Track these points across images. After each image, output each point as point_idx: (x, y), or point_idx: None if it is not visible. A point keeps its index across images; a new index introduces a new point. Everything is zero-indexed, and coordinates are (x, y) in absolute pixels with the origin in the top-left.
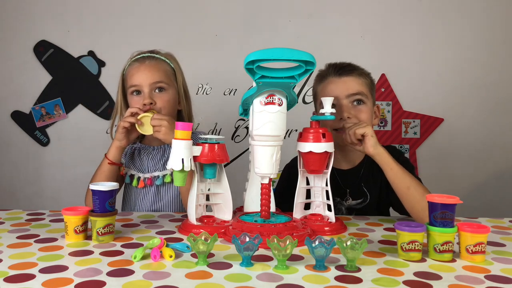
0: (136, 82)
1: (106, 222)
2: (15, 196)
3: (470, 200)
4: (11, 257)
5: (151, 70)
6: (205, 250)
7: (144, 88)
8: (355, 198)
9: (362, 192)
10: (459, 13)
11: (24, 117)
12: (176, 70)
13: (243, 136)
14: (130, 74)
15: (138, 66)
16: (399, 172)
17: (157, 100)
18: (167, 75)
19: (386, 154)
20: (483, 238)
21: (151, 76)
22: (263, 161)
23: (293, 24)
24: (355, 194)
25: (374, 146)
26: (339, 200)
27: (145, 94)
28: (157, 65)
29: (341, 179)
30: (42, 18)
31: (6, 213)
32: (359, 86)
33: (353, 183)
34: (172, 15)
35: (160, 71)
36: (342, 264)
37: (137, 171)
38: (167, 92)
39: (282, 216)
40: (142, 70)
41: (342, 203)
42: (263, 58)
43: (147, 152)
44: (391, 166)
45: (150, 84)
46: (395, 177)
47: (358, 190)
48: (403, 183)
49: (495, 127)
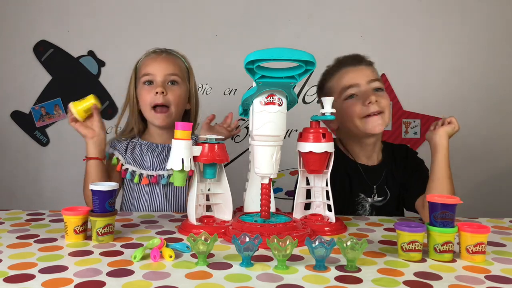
0: (151, 71)
1: (106, 222)
2: (15, 196)
3: (470, 200)
4: (11, 257)
5: (167, 62)
6: (205, 250)
7: (158, 77)
8: (379, 196)
9: (384, 191)
10: (459, 13)
11: (24, 117)
12: (190, 70)
13: (243, 136)
14: (145, 65)
15: (155, 57)
16: (449, 173)
17: (170, 92)
18: (181, 70)
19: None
20: (483, 238)
21: (167, 67)
22: (263, 161)
23: (293, 24)
24: (379, 192)
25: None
26: (363, 196)
27: (158, 83)
28: (174, 60)
29: (366, 176)
30: (42, 18)
31: (6, 213)
32: (375, 74)
33: (377, 180)
34: (172, 15)
35: (176, 65)
36: (342, 264)
37: (138, 167)
38: (180, 87)
39: (282, 216)
40: (158, 61)
41: (367, 200)
42: (263, 58)
43: (150, 149)
44: (448, 164)
45: (165, 75)
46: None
47: (381, 188)
48: (447, 172)
49: (495, 127)
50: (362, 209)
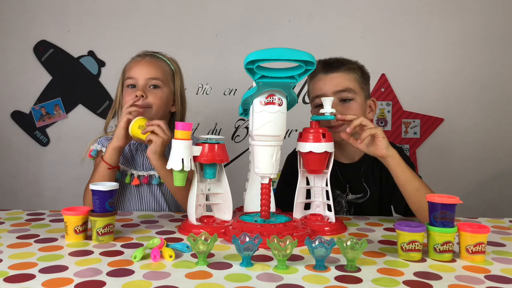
0: (133, 74)
1: (106, 222)
2: (15, 196)
3: (470, 200)
4: (11, 257)
5: (149, 66)
6: (205, 250)
7: (139, 81)
8: (354, 193)
9: (362, 188)
10: (459, 13)
11: (24, 117)
12: (175, 72)
13: (243, 136)
14: (129, 68)
15: (139, 60)
16: (409, 174)
17: (150, 95)
18: (164, 74)
19: (397, 156)
20: (483, 238)
21: (148, 71)
22: (263, 161)
23: (293, 24)
24: (355, 189)
25: (387, 148)
26: (339, 193)
27: (139, 86)
28: (156, 63)
29: (340, 173)
30: (42, 18)
31: (6, 213)
32: (347, 82)
33: (353, 178)
34: (172, 15)
35: (158, 69)
36: (342, 264)
37: (129, 167)
38: (161, 90)
39: (282, 216)
40: (141, 65)
41: (342, 196)
42: (263, 58)
43: (140, 148)
44: (403, 167)
45: (146, 79)
46: (406, 179)
47: (358, 185)
48: (413, 185)
49: (495, 127)
50: (339, 205)
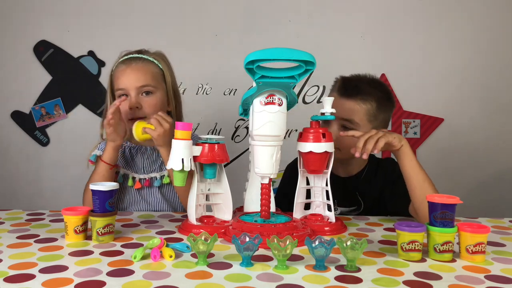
0: (123, 85)
1: (106, 222)
2: (15, 196)
3: (470, 200)
4: (11, 257)
5: (137, 73)
6: (205, 250)
7: (131, 91)
8: (346, 206)
9: (356, 201)
10: (459, 13)
11: (24, 117)
12: (164, 70)
13: (243, 136)
14: (116, 77)
15: (125, 69)
16: (417, 164)
17: (144, 104)
18: (154, 77)
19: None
20: (483, 238)
21: (137, 79)
22: (263, 161)
23: (293, 24)
24: (348, 202)
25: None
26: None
27: (132, 98)
28: (144, 68)
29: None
30: (42, 18)
31: (6, 213)
32: (354, 113)
33: (345, 191)
34: (172, 15)
35: (147, 74)
36: (342, 264)
37: (130, 171)
38: (155, 95)
39: (282, 216)
40: (128, 73)
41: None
42: (263, 58)
43: (140, 151)
44: (411, 157)
45: (137, 88)
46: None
47: (351, 198)
48: (420, 175)
49: (495, 127)
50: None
